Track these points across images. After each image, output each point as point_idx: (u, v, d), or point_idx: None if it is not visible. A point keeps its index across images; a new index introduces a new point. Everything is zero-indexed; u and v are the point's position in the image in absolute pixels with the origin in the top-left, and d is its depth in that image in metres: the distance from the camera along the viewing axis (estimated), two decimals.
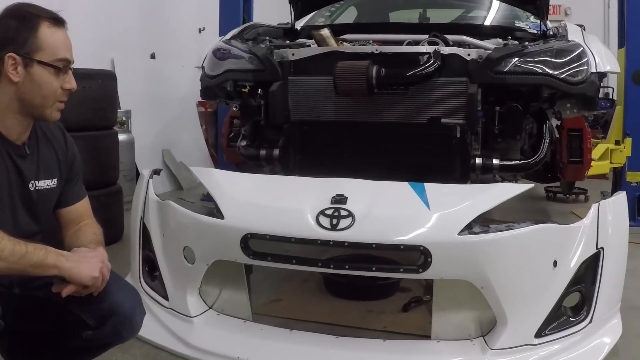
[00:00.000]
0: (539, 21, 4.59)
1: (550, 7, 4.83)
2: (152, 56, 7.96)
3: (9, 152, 2.19)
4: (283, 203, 3.03)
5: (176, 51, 8.10)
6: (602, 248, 3.01)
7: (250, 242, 2.88)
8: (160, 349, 3.11)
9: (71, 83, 2.23)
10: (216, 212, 3.03)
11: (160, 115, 7.82)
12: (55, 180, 2.38)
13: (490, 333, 2.94)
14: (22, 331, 2.37)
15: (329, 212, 2.85)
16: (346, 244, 2.78)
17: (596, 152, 5.59)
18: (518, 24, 4.80)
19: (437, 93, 3.52)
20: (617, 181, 6.06)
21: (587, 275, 3.00)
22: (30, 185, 2.27)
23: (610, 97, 9.40)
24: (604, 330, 2.99)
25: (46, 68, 2.14)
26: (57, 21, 2.18)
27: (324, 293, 3.77)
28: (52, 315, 2.28)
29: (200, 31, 8.75)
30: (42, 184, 2.32)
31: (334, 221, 2.81)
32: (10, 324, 2.17)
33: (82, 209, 2.53)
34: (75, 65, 2.26)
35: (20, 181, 2.24)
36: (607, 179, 6.69)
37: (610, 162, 5.89)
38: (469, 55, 3.49)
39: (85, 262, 2.13)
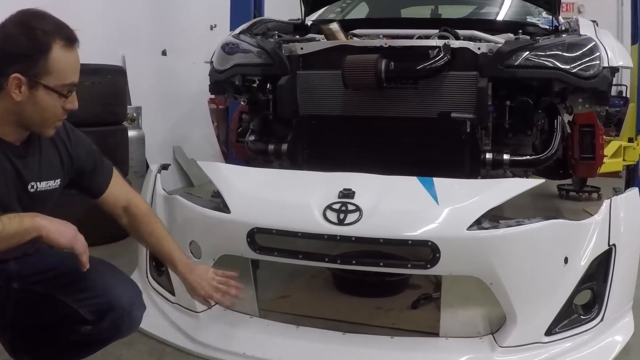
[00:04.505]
0: (551, 17, 4.54)
1: (563, 5, 4.80)
2: (164, 53, 7.95)
3: (6, 153, 2.13)
4: (290, 197, 3.01)
5: (187, 48, 8.07)
6: (614, 245, 2.97)
7: (257, 237, 2.86)
8: (166, 344, 3.10)
9: (73, 103, 2.16)
10: (222, 207, 3.01)
11: (171, 112, 7.80)
12: (58, 180, 2.33)
13: (499, 331, 2.91)
14: (23, 326, 2.35)
15: (336, 206, 2.82)
16: (353, 238, 2.75)
17: (609, 150, 5.55)
18: (530, 19, 4.76)
19: (447, 87, 3.49)
20: (630, 179, 6.01)
21: (598, 273, 2.96)
22: (30, 186, 2.22)
23: (624, 94, 9.37)
24: (615, 328, 2.96)
25: (51, 93, 2.08)
26: (70, 40, 2.09)
27: (332, 290, 3.74)
28: (50, 310, 2.26)
29: (211, 28, 8.73)
30: (44, 185, 2.26)
31: (341, 216, 2.78)
32: (10, 318, 2.15)
33: (114, 194, 2.54)
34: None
35: (19, 182, 2.19)
36: (620, 177, 6.63)
37: (623, 160, 5.84)
38: (479, 49, 3.45)
39: (59, 223, 2.06)
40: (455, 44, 3.49)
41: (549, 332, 2.84)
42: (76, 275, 2.13)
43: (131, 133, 5.76)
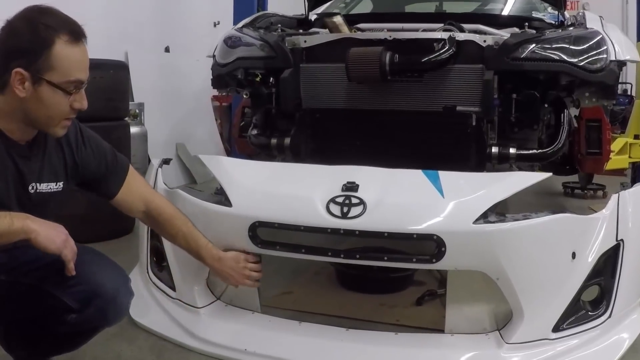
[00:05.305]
0: (556, 12, 4.51)
1: (568, 3, 4.77)
2: (167, 50, 7.93)
3: (10, 151, 2.10)
4: (292, 190, 2.96)
5: (191, 45, 8.06)
6: (622, 240, 2.91)
7: (259, 231, 2.82)
8: (166, 340, 3.05)
9: (81, 103, 2.11)
10: (224, 200, 2.97)
11: (175, 109, 7.80)
12: (60, 183, 2.29)
13: (506, 327, 2.86)
14: (13, 320, 2.33)
15: (340, 199, 2.78)
16: (357, 232, 2.70)
17: (615, 146, 5.51)
18: (535, 14, 4.72)
19: (452, 80, 3.46)
20: (637, 175, 5.98)
21: (606, 268, 2.91)
22: (30, 187, 2.18)
23: (629, 93, 9.31)
24: (623, 325, 2.90)
25: (55, 89, 2.03)
26: (76, 36, 2.04)
27: (335, 286, 3.70)
28: (37, 301, 2.23)
29: (215, 25, 8.71)
30: (44, 187, 2.23)
31: (345, 209, 2.74)
32: (1, 312, 2.12)
33: (128, 197, 2.54)
34: None
35: (20, 182, 2.15)
36: (625, 175, 6.59)
37: (630, 157, 5.81)
38: (484, 41, 3.42)
39: (50, 228, 2.03)
40: (460, 36, 3.45)
41: (556, 329, 2.79)
42: (60, 264, 2.08)
43: (134, 129, 5.74)
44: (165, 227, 2.67)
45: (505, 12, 4.85)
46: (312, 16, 4.81)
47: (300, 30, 4.34)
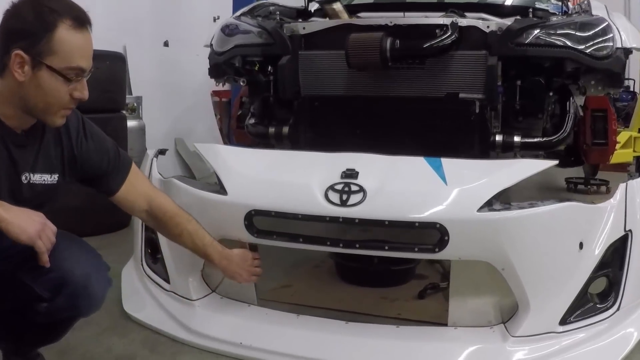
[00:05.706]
0: (560, 3, 4.44)
1: None
2: (166, 44, 7.87)
3: (4, 138, 2.04)
4: (290, 178, 2.88)
5: (190, 40, 7.98)
6: (630, 231, 2.83)
7: (255, 220, 2.75)
8: (160, 334, 2.99)
9: (82, 92, 2.04)
10: (220, 189, 2.90)
11: (174, 103, 7.77)
12: (55, 176, 2.22)
13: (511, 320, 2.78)
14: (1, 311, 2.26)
15: (339, 187, 2.70)
16: (357, 220, 2.63)
17: (620, 139, 5.45)
18: (539, 5, 4.65)
19: (455, 67, 3.40)
20: None
21: (614, 260, 2.83)
22: (23, 177, 2.11)
23: (631, 89, 9.26)
24: (632, 318, 2.82)
25: (55, 75, 1.97)
26: (80, 22, 1.99)
27: (335, 279, 3.64)
28: (12, 289, 2.15)
29: (214, 20, 8.65)
30: (37, 178, 2.15)
31: (344, 197, 2.66)
32: None
33: (130, 195, 2.48)
34: None
35: (13, 171, 2.09)
36: (628, 171, 6.52)
37: (634, 151, 5.77)
38: (488, 27, 3.36)
39: (24, 217, 1.94)
40: (463, 22, 3.39)
41: (563, 322, 2.71)
42: (32, 250, 1.99)
43: (131, 123, 5.72)
44: (169, 226, 2.60)
45: (508, 2, 4.79)
46: (313, 7, 4.75)
47: (300, 20, 4.28)
